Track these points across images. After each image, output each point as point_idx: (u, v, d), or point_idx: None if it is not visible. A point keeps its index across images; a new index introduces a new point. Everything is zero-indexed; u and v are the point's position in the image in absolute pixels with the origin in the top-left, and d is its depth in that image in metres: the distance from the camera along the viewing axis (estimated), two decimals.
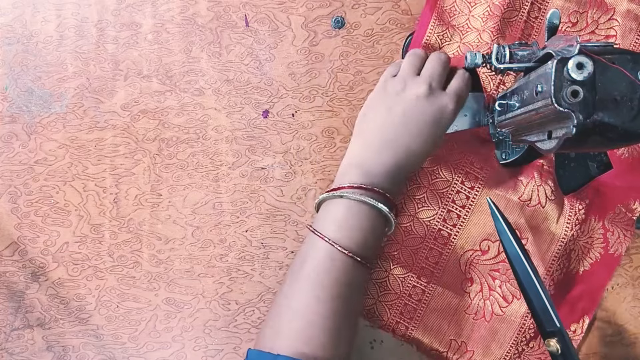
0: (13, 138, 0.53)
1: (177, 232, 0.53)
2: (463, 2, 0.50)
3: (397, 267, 0.51)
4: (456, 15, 0.50)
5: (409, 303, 0.51)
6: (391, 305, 0.51)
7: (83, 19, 0.52)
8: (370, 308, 0.52)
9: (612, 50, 0.33)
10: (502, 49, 0.41)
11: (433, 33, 0.50)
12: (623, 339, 0.53)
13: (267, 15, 0.52)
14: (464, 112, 0.52)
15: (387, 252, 0.51)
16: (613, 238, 0.51)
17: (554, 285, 0.50)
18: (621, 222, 0.51)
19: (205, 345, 0.54)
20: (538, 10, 0.50)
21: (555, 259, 0.50)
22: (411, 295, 0.51)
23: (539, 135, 0.38)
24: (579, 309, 0.51)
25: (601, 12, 0.50)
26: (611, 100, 0.31)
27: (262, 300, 0.53)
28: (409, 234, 0.51)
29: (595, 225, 0.51)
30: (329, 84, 0.52)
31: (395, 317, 0.51)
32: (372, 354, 0.53)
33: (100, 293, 0.53)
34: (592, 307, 0.51)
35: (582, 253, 0.51)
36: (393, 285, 0.51)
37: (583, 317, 0.51)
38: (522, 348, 0.51)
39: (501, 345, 0.51)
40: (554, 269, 0.50)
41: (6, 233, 0.53)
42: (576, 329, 0.51)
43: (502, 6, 0.50)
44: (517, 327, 0.51)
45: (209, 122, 0.53)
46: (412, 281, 0.51)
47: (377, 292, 0.51)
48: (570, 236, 0.50)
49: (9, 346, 0.54)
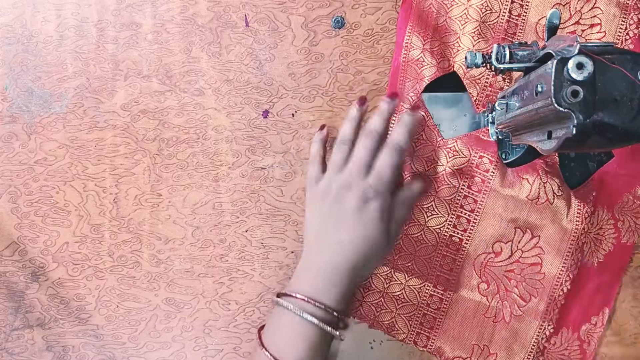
0: (13, 138, 0.53)
1: (177, 232, 0.53)
2: (439, 3, 0.50)
3: (412, 278, 0.51)
4: (434, 16, 0.51)
5: (427, 313, 0.51)
6: (410, 317, 0.51)
7: (83, 19, 0.52)
8: (390, 322, 0.52)
9: (612, 50, 0.33)
10: (502, 49, 0.41)
11: (412, 33, 0.50)
12: (623, 339, 0.53)
13: (267, 15, 0.52)
14: (464, 112, 0.52)
15: (401, 264, 0.51)
16: (624, 227, 0.51)
17: (571, 281, 0.50)
18: (630, 210, 0.51)
19: (205, 345, 0.54)
20: (520, 7, 0.50)
21: (569, 254, 0.50)
22: (429, 304, 0.51)
23: (539, 135, 0.38)
24: (597, 301, 0.52)
25: (584, 1, 0.50)
26: (611, 100, 0.31)
27: (262, 300, 0.53)
28: (421, 243, 0.51)
29: (604, 216, 0.51)
30: (329, 84, 0.52)
31: (416, 328, 0.52)
32: (372, 354, 0.53)
33: (100, 293, 0.53)
34: (611, 297, 0.52)
35: (595, 245, 0.51)
36: (410, 297, 0.51)
37: (603, 309, 0.52)
38: (544, 346, 0.51)
39: (523, 345, 0.51)
40: (568, 264, 0.50)
41: (6, 233, 0.53)
42: (597, 322, 0.52)
43: (480, 10, 0.50)
44: (537, 326, 0.51)
45: (209, 122, 0.53)
46: (428, 290, 0.51)
47: (395, 305, 0.51)
48: (581, 229, 0.50)
49: (9, 346, 0.54)
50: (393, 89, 0.51)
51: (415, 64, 0.51)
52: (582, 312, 0.52)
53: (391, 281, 0.51)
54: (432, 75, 0.50)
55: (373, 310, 0.52)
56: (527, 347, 0.51)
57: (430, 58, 0.50)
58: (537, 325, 0.51)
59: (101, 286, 0.53)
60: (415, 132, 0.50)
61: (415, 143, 0.51)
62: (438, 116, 0.52)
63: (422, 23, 0.50)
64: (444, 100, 0.52)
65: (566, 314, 0.51)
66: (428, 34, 0.50)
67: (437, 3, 0.50)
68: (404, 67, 0.51)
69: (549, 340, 0.51)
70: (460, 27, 0.50)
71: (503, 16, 0.50)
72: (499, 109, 0.46)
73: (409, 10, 0.51)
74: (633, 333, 0.53)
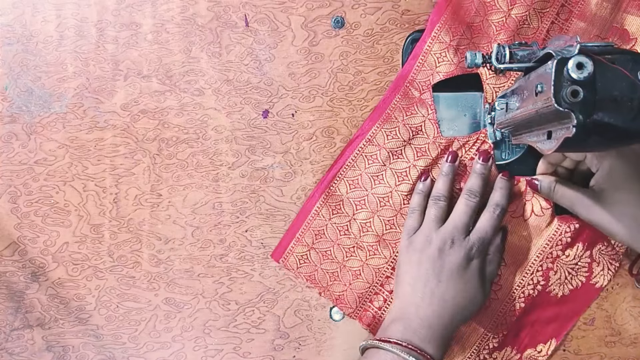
0: (13, 138, 0.53)
1: (177, 232, 0.53)
2: (480, 2, 0.50)
3: (373, 258, 0.52)
4: (472, 15, 0.50)
5: (379, 293, 0.52)
6: (361, 295, 0.53)
7: (83, 19, 0.52)
8: (340, 294, 0.52)
9: (612, 50, 0.33)
10: (502, 49, 0.41)
11: (444, 26, 0.50)
12: (623, 339, 0.53)
13: (267, 15, 0.52)
14: (464, 112, 0.52)
15: (366, 242, 0.52)
16: (597, 269, 0.51)
17: (524, 299, 0.51)
18: (608, 254, 0.51)
19: (205, 345, 0.54)
20: (559, 30, 0.50)
21: (527, 274, 0.51)
22: (383, 285, 0.52)
23: (539, 135, 0.38)
24: (549, 330, 0.52)
25: (622, 40, 0.49)
26: (611, 100, 0.31)
27: (262, 300, 0.53)
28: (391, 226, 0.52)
29: (582, 253, 0.50)
30: (329, 84, 0.52)
31: (364, 306, 0.52)
32: None
33: (100, 293, 0.53)
34: (562, 331, 0.52)
35: (565, 278, 0.51)
36: (367, 276, 0.52)
37: (551, 340, 0.52)
38: (485, 357, 0.52)
39: (463, 349, 0.52)
40: (525, 282, 0.51)
41: (6, 233, 0.53)
42: (542, 350, 0.52)
43: (519, 21, 0.49)
44: (481, 334, 0.51)
45: (209, 122, 0.53)
46: (386, 272, 0.52)
47: (350, 279, 0.52)
48: (548, 253, 0.50)
49: (9, 346, 0.54)
50: (405, 73, 0.51)
51: (436, 56, 0.50)
52: (530, 337, 0.52)
53: (352, 255, 0.52)
54: (448, 72, 0.50)
55: (327, 279, 0.52)
56: (467, 352, 0.52)
57: (453, 55, 0.50)
58: (481, 333, 0.51)
59: (101, 286, 0.53)
60: (511, 196, 0.51)
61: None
62: (439, 115, 0.52)
63: (456, 18, 0.50)
64: (448, 100, 0.52)
65: (514, 334, 0.52)
66: (459, 31, 0.50)
67: (479, 2, 0.50)
68: (424, 56, 0.51)
69: (491, 354, 0.51)
70: (495, 32, 0.50)
71: (540, 34, 0.49)
72: (499, 109, 0.46)
73: (448, 1, 0.50)
74: (633, 333, 0.53)
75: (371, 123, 0.52)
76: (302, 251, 0.52)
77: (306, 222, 0.52)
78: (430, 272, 0.47)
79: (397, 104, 0.51)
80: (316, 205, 0.52)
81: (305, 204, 0.53)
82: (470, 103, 0.52)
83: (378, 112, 0.52)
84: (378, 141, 0.51)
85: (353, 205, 0.52)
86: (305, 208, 0.52)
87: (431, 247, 0.48)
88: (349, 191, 0.52)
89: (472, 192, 0.49)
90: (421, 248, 0.48)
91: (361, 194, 0.52)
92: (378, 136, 0.51)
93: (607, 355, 0.53)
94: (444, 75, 0.50)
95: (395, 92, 0.51)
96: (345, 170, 0.52)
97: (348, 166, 0.52)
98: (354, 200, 0.52)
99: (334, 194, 0.52)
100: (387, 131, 0.51)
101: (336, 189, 0.52)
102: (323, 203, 0.52)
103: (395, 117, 0.51)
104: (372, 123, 0.52)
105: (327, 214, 0.52)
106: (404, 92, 0.51)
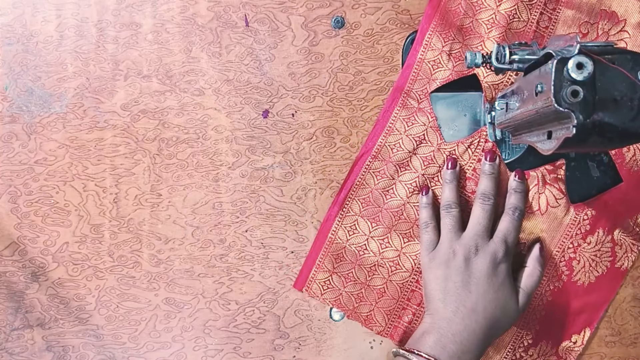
0: (13, 138, 0.53)
1: (177, 232, 0.53)
2: (468, 4, 0.50)
3: (396, 273, 0.52)
4: (461, 17, 0.50)
5: (407, 308, 0.52)
6: (389, 311, 0.52)
7: (83, 19, 0.52)
8: (368, 314, 0.52)
9: (612, 50, 0.33)
10: (502, 49, 0.41)
11: (434, 32, 0.50)
12: (623, 339, 0.53)
13: (267, 15, 0.52)
14: (464, 112, 0.52)
15: (387, 258, 0.52)
16: (620, 252, 0.51)
17: (551, 291, 0.51)
18: (630, 235, 0.50)
19: (205, 345, 0.54)
20: (548, 20, 0.50)
21: (551, 267, 0.50)
22: (410, 300, 0.52)
23: (539, 135, 0.38)
24: (581, 320, 0.51)
25: (612, 23, 0.49)
26: (611, 100, 0.31)
27: (262, 300, 0.53)
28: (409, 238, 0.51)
29: (604, 238, 0.50)
30: (329, 84, 0.52)
31: (394, 322, 0.52)
32: (372, 354, 0.53)
33: (100, 293, 0.54)
34: (595, 319, 0.51)
35: (590, 266, 0.51)
36: (391, 292, 0.52)
37: (584, 329, 0.51)
38: (521, 355, 0.51)
39: (498, 350, 0.51)
40: (550, 275, 0.50)
41: (6, 233, 0.53)
42: (577, 340, 0.52)
43: (508, 16, 0.49)
44: (514, 332, 0.51)
45: (209, 122, 0.53)
46: (411, 286, 0.52)
47: (375, 298, 0.52)
48: (568, 245, 0.50)
49: (9, 346, 0.54)
50: (401, 84, 0.51)
51: (430, 64, 0.51)
52: (563, 329, 0.51)
53: (374, 274, 0.52)
54: (445, 78, 0.50)
55: (353, 301, 0.52)
56: (502, 353, 0.51)
57: (447, 60, 0.50)
58: (514, 331, 0.51)
59: (101, 286, 0.53)
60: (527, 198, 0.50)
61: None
62: (439, 116, 0.52)
63: (446, 22, 0.50)
64: (447, 100, 0.52)
65: (547, 328, 0.51)
66: (450, 35, 0.50)
67: (466, 3, 0.50)
68: (418, 65, 0.51)
69: (527, 351, 0.51)
70: (486, 30, 0.50)
71: (530, 26, 0.49)
72: (499, 109, 0.46)
73: (435, 7, 0.50)
74: (633, 333, 0.53)
75: (374, 138, 0.52)
76: (324, 277, 0.52)
77: (324, 248, 0.52)
78: (459, 284, 0.46)
79: (397, 116, 0.51)
80: (332, 229, 0.52)
81: (320, 229, 0.52)
82: (470, 103, 0.52)
83: (379, 127, 0.52)
84: (384, 156, 0.51)
85: (368, 224, 0.52)
86: (321, 233, 0.52)
87: (457, 258, 0.47)
88: (362, 210, 0.52)
89: (486, 195, 0.48)
90: (446, 261, 0.47)
91: (374, 210, 0.52)
92: (383, 151, 0.51)
93: (607, 355, 0.53)
94: (441, 82, 0.50)
95: (393, 104, 0.51)
96: (356, 189, 0.52)
97: (357, 185, 0.52)
98: (368, 219, 0.52)
99: (348, 214, 0.52)
100: (391, 145, 0.51)
101: (349, 209, 0.52)
102: (338, 225, 0.52)
103: (397, 130, 0.51)
104: (375, 138, 0.51)
105: (343, 236, 0.52)
106: (403, 103, 0.51)
